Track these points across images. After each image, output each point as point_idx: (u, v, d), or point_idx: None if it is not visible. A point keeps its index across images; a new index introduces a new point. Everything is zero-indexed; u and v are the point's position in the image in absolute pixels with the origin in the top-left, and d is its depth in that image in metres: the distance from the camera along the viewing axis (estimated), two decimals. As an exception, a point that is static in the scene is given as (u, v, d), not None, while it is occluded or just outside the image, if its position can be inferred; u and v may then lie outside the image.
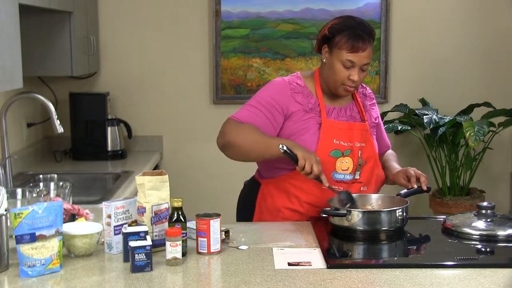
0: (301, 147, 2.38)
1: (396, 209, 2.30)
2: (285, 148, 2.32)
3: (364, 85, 2.73)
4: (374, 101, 2.72)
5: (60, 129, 2.95)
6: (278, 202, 2.56)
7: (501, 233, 2.26)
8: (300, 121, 2.51)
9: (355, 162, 2.52)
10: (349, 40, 2.44)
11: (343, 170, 2.51)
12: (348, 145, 2.51)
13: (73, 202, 2.49)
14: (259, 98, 2.53)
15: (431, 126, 4.03)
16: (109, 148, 4.06)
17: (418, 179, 2.51)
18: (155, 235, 2.12)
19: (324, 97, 2.56)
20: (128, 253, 1.98)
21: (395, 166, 2.64)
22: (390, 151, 2.79)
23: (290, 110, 2.51)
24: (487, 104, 4.22)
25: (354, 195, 2.44)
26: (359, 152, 2.53)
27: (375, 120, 2.67)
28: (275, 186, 2.57)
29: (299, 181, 2.50)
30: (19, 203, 2.26)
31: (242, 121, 2.48)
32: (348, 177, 2.52)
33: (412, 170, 2.53)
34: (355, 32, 2.45)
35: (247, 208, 2.65)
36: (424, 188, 2.50)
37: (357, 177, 2.53)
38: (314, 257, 2.09)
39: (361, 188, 2.55)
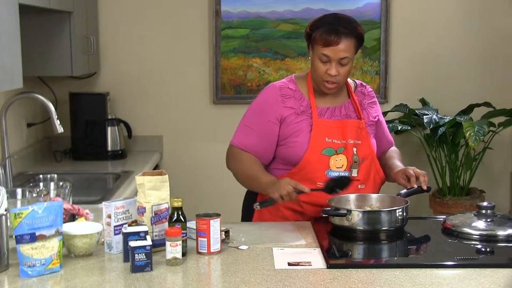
0: (269, 184, 2.41)
1: (396, 209, 2.30)
2: (258, 207, 2.35)
3: (365, 84, 2.73)
4: (375, 99, 2.72)
5: (60, 129, 2.95)
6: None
7: (501, 233, 2.26)
8: (292, 124, 2.54)
9: (349, 159, 2.53)
10: (322, 34, 2.48)
11: (337, 167, 2.52)
12: (341, 142, 2.53)
13: (73, 202, 2.49)
14: (252, 115, 2.61)
15: (431, 126, 4.03)
16: (109, 148, 4.06)
17: (417, 178, 2.51)
18: (155, 235, 2.12)
19: (316, 98, 2.59)
20: (128, 253, 1.98)
21: (397, 164, 2.63)
22: (393, 148, 2.79)
23: (283, 116, 2.55)
24: (487, 104, 4.22)
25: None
26: (354, 149, 2.54)
27: (374, 118, 2.67)
28: None
29: (297, 181, 2.51)
30: (19, 203, 2.26)
31: (242, 147, 2.57)
32: (343, 174, 2.52)
33: (412, 170, 2.52)
34: (331, 27, 2.48)
35: (249, 207, 2.65)
36: (424, 187, 2.50)
37: (354, 174, 2.54)
38: (314, 257, 2.09)
39: (359, 186, 2.55)
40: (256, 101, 2.64)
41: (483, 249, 2.21)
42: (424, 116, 4.06)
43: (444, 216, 2.48)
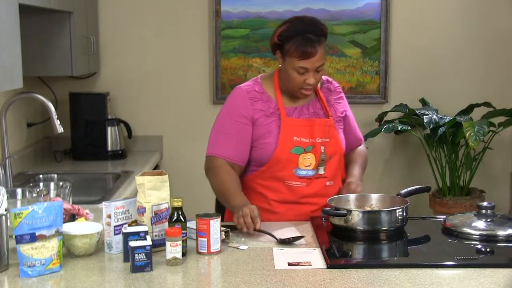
0: (236, 208, 2.38)
1: (396, 209, 2.30)
2: (223, 238, 2.23)
3: (331, 80, 2.74)
4: (341, 95, 2.73)
5: (60, 129, 2.95)
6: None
7: (501, 233, 2.26)
8: (262, 125, 2.56)
9: (317, 157, 2.54)
10: (298, 47, 2.45)
11: (305, 166, 2.54)
12: (310, 141, 2.54)
13: (73, 202, 2.49)
14: (223, 119, 2.59)
15: (431, 126, 4.02)
16: (109, 148, 4.06)
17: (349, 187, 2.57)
18: (155, 235, 2.12)
19: (284, 99, 2.60)
20: (128, 253, 1.98)
21: (353, 173, 2.65)
22: (360, 149, 2.78)
23: (254, 117, 2.56)
24: (487, 104, 4.22)
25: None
26: (322, 147, 2.55)
27: (342, 114, 2.68)
28: (245, 185, 2.61)
29: (265, 180, 2.57)
30: (19, 203, 2.26)
31: (218, 154, 2.56)
32: (311, 173, 2.54)
33: (353, 185, 2.57)
34: (304, 37, 2.45)
35: (222, 206, 2.65)
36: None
37: (321, 172, 2.56)
38: (314, 257, 2.10)
39: (327, 183, 2.57)
40: (224, 106, 2.63)
41: (483, 249, 2.21)
42: (424, 116, 4.06)
43: (444, 216, 2.48)
